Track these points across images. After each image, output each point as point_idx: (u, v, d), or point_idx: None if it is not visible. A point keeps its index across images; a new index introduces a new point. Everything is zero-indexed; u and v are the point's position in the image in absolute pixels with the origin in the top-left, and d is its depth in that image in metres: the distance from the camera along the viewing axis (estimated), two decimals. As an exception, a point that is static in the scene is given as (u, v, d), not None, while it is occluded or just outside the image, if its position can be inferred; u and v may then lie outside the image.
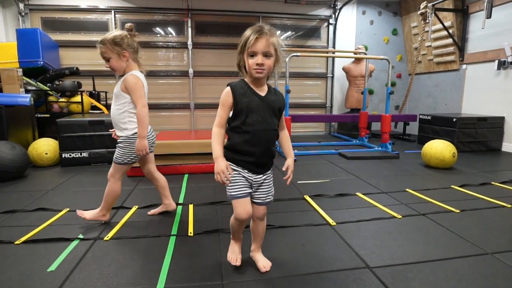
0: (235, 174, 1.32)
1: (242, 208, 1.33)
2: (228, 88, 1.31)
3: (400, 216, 2.11)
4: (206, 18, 5.84)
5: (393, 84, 6.29)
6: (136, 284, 1.36)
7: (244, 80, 1.33)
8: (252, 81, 1.32)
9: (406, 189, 2.68)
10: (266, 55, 1.25)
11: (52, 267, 1.48)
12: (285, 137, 1.45)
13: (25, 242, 1.72)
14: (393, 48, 6.36)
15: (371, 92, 6.34)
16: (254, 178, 1.35)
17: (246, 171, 1.33)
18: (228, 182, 1.27)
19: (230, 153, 1.33)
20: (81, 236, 1.79)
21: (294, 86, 4.79)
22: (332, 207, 2.28)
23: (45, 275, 1.42)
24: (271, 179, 1.43)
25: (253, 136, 1.30)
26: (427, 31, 4.97)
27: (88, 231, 1.86)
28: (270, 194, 1.42)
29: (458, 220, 2.06)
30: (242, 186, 1.33)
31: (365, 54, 5.46)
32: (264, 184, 1.39)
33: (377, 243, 1.75)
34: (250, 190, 1.36)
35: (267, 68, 1.27)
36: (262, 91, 1.33)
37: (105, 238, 1.77)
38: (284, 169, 1.37)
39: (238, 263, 1.46)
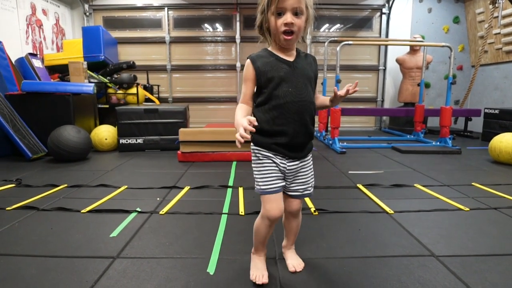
0: (265, 161, 1.11)
1: (274, 204, 1.11)
2: (248, 60, 1.11)
3: (467, 209, 1.91)
4: (254, 12, 5.85)
5: (453, 77, 5.80)
6: (191, 253, 1.39)
7: (267, 49, 1.13)
8: (278, 48, 1.11)
9: (472, 183, 2.44)
10: (296, 12, 1.03)
11: (114, 233, 1.56)
12: (321, 97, 1.22)
13: (90, 211, 1.85)
14: (454, 37, 5.85)
15: (427, 85, 5.90)
16: (288, 166, 1.13)
17: (278, 157, 1.11)
18: (252, 129, 0.97)
19: (258, 136, 1.11)
20: (139, 209, 1.87)
21: (343, 79, 4.61)
22: (388, 197, 2.14)
23: (108, 240, 1.50)
24: (311, 166, 1.19)
25: (284, 111, 1.07)
26: (496, 17, 4.49)
27: (145, 206, 1.94)
28: (309, 185, 1.19)
29: (539, 216, 1.82)
30: (275, 178, 1.11)
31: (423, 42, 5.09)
32: (300, 172, 1.16)
33: (442, 233, 1.60)
34: (284, 183, 1.15)
35: (298, 29, 1.04)
36: (290, 57, 1.12)
37: (161, 212, 1.83)
38: (342, 93, 1.10)
39: (265, 280, 1.17)
